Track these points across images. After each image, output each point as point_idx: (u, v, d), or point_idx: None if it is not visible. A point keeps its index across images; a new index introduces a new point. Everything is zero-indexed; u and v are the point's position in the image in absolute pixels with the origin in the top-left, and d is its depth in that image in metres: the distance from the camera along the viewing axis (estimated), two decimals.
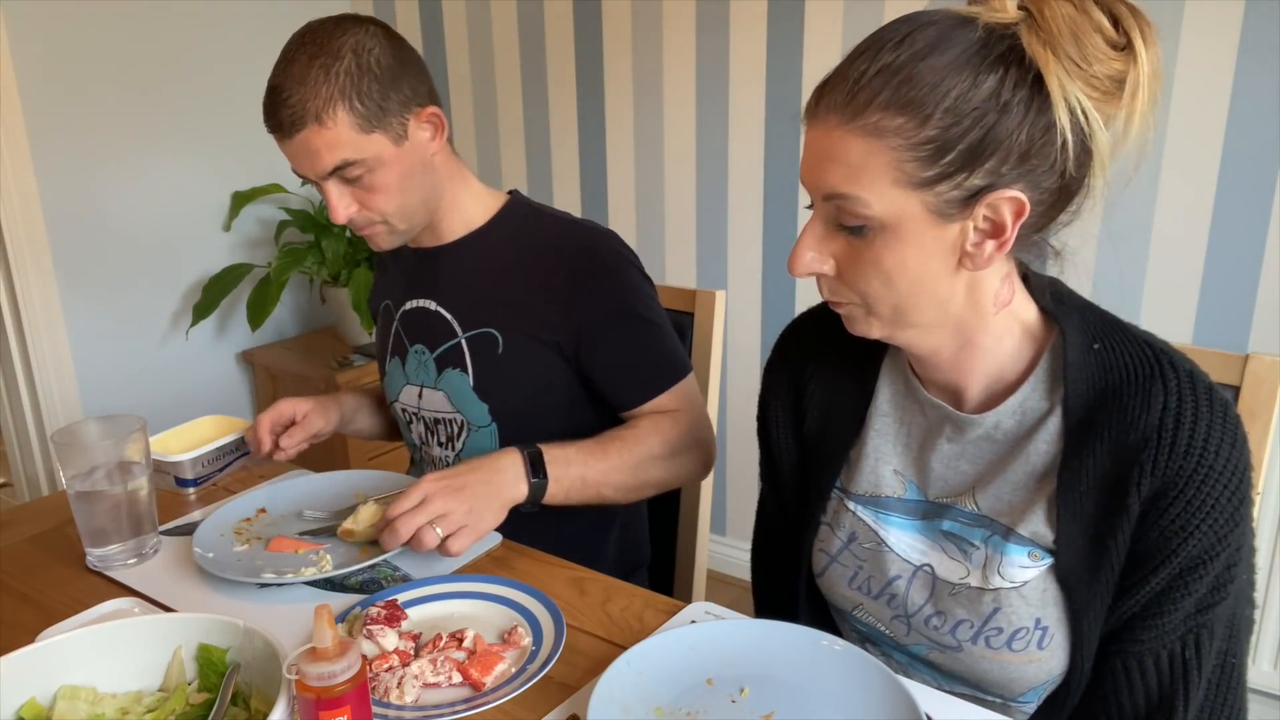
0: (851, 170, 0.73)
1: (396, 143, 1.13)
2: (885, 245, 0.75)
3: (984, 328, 0.81)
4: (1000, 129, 0.71)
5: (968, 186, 0.72)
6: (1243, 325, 1.79)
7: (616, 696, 0.79)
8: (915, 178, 0.72)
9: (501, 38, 2.61)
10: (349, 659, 0.70)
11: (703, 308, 1.41)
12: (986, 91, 0.71)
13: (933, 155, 0.71)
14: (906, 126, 0.71)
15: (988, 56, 0.71)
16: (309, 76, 1.08)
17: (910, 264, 0.76)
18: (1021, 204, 0.73)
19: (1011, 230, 0.74)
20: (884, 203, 0.73)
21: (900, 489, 0.90)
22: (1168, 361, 0.78)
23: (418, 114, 1.15)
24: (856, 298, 0.80)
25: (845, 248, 0.78)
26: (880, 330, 0.82)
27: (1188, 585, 0.77)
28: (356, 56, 1.09)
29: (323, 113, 1.08)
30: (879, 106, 0.71)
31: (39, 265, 2.31)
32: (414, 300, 1.29)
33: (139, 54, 2.42)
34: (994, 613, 0.82)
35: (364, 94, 1.10)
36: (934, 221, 0.74)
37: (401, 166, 1.15)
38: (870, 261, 0.77)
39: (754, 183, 2.28)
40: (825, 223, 0.78)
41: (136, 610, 0.98)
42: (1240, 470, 0.76)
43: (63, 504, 1.17)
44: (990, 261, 0.76)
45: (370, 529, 1.08)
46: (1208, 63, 1.72)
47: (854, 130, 0.72)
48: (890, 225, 0.74)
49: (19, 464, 2.52)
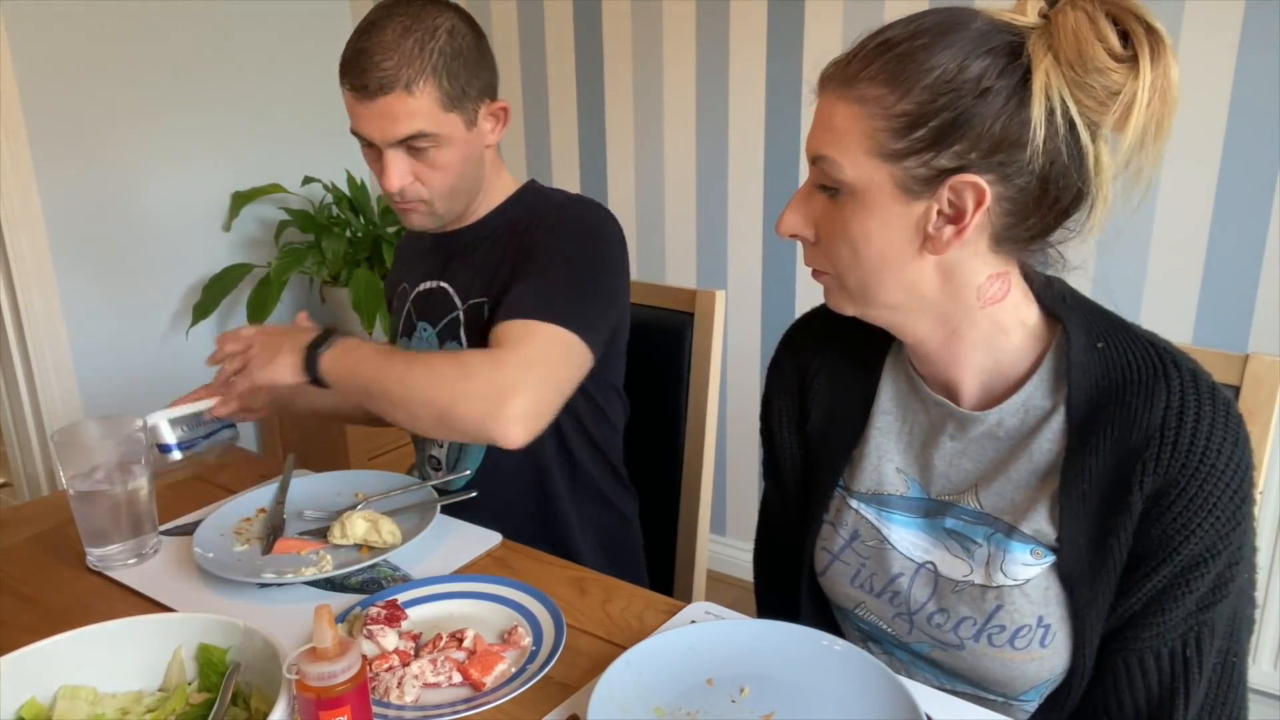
0: (834, 134, 0.77)
1: (468, 127, 1.18)
2: (853, 213, 0.78)
3: (970, 321, 0.82)
4: (975, 113, 0.72)
5: (934, 165, 0.74)
6: (1243, 325, 1.79)
7: (616, 696, 0.79)
8: (885, 148, 0.75)
9: (501, 38, 2.61)
10: (349, 659, 0.70)
11: (703, 308, 1.40)
12: (970, 75, 0.72)
13: (904, 128, 0.74)
14: (886, 98, 0.74)
15: (984, 45, 0.73)
16: (404, 46, 1.10)
17: (874, 236, 0.78)
18: (982, 191, 0.74)
19: (970, 217, 0.75)
20: (856, 169, 0.76)
21: (903, 487, 0.90)
22: (1171, 361, 0.78)
23: (489, 105, 1.21)
24: (831, 268, 0.83)
25: (823, 213, 0.81)
26: (851, 306, 0.85)
27: (1189, 583, 0.77)
28: (451, 38, 1.13)
29: (414, 82, 1.11)
30: (867, 77, 0.75)
31: (39, 265, 2.31)
32: (427, 282, 1.32)
33: (139, 54, 2.42)
34: (997, 610, 0.82)
35: (453, 74, 1.14)
36: (899, 196, 0.76)
37: (465, 150, 1.19)
38: (840, 226, 0.80)
39: (754, 183, 2.28)
40: (811, 185, 0.82)
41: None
42: (1242, 469, 0.76)
43: (63, 504, 1.17)
44: (948, 247, 0.77)
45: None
46: (1208, 63, 1.72)
47: (843, 98, 0.77)
48: (859, 192, 0.77)
49: (19, 464, 2.52)
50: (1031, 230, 0.78)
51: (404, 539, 1.07)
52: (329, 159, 2.78)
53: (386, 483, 1.23)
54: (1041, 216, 0.77)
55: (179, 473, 1.35)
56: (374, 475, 1.25)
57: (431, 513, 1.12)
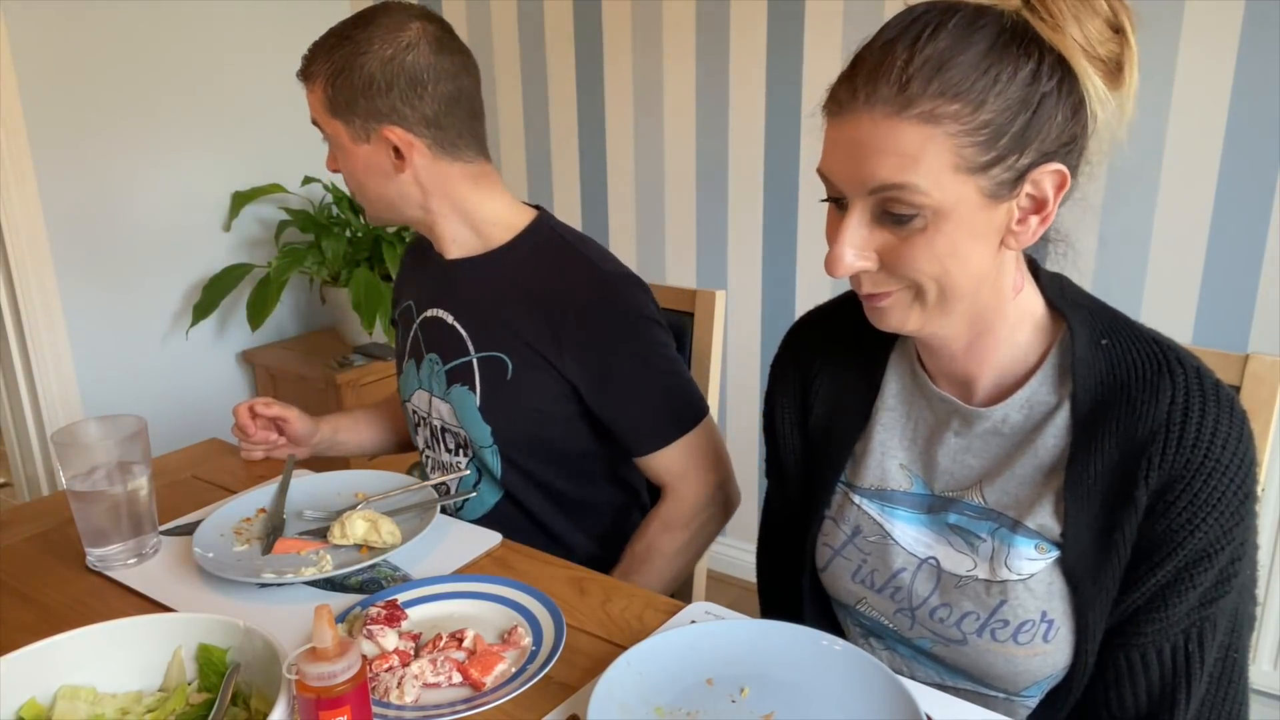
0: (906, 159, 0.72)
1: (354, 140, 1.18)
2: (938, 230, 0.75)
3: (1002, 315, 0.82)
4: (1043, 110, 0.73)
5: (1018, 166, 0.74)
6: (1243, 325, 1.79)
7: (616, 696, 0.79)
8: (974, 162, 0.72)
9: (501, 38, 2.61)
10: (349, 659, 0.70)
11: (703, 308, 1.40)
12: (1025, 77, 0.72)
13: (990, 139, 0.72)
14: (962, 112, 0.71)
15: (1013, 44, 0.73)
16: (329, 42, 1.16)
17: (962, 247, 0.76)
18: (1064, 175, 0.75)
19: (1054, 203, 0.76)
20: (942, 189, 0.73)
21: (906, 483, 0.91)
22: (1175, 358, 0.79)
23: (382, 130, 1.15)
24: (902, 285, 0.79)
25: (890, 238, 0.77)
26: (917, 320, 0.81)
27: (1192, 579, 0.77)
28: (370, 58, 1.13)
29: (312, 78, 1.18)
30: (932, 95, 0.71)
31: (39, 265, 2.31)
32: (433, 309, 1.29)
33: (139, 54, 2.42)
34: (1000, 605, 0.82)
35: (340, 87, 1.15)
36: (985, 204, 0.75)
37: (357, 162, 1.19)
38: (922, 247, 0.75)
39: (754, 182, 2.28)
40: (867, 217, 0.77)
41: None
42: (1245, 465, 0.76)
43: (63, 504, 1.17)
44: (1034, 237, 0.77)
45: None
46: (1208, 63, 1.72)
47: (907, 119, 0.72)
48: (945, 211, 0.74)
49: (19, 464, 2.52)
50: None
51: (404, 539, 1.07)
52: None
53: (386, 483, 1.23)
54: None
55: (179, 473, 1.35)
56: (374, 475, 1.25)
57: (431, 513, 1.12)
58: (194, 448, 1.44)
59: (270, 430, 1.37)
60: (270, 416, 1.35)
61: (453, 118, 1.17)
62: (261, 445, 1.37)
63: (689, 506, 1.23)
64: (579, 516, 1.30)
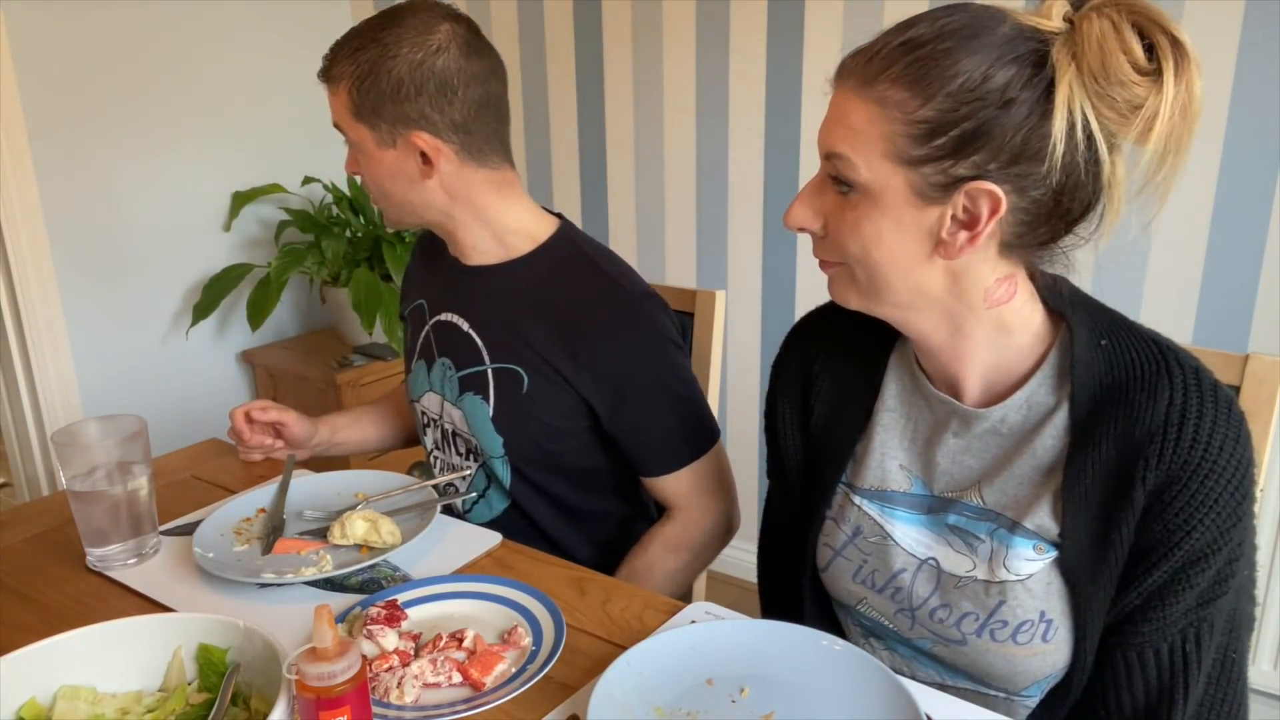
0: (851, 133, 0.76)
1: (379, 145, 1.15)
2: (866, 213, 0.77)
3: (975, 320, 0.82)
4: (996, 124, 0.72)
5: (951, 173, 0.74)
6: (1243, 325, 1.79)
7: (616, 696, 0.79)
8: (903, 154, 0.74)
9: (501, 38, 2.61)
10: (349, 659, 0.70)
11: (703, 308, 1.40)
12: (995, 85, 0.71)
13: (925, 135, 0.73)
14: (908, 102, 0.73)
15: (1010, 53, 0.72)
16: (352, 44, 1.14)
17: (885, 237, 0.78)
18: (998, 200, 0.74)
19: (984, 225, 0.75)
20: (871, 171, 0.75)
21: (906, 484, 0.91)
22: (1174, 358, 0.79)
23: (410, 135, 1.14)
24: (840, 260, 0.82)
25: (835, 207, 0.80)
26: (857, 299, 0.84)
27: (1189, 579, 0.77)
28: (399, 62, 1.10)
29: (337, 80, 1.15)
30: (889, 78, 0.74)
31: (39, 265, 2.31)
32: (447, 313, 1.28)
33: (139, 54, 2.42)
34: (999, 605, 0.82)
35: (366, 90, 1.12)
36: (913, 201, 0.76)
37: (381, 167, 1.17)
38: (852, 223, 0.79)
39: (754, 182, 2.28)
40: (823, 179, 0.81)
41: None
42: (1243, 466, 0.76)
43: (63, 504, 1.17)
44: (961, 253, 0.77)
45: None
46: (1208, 63, 1.71)
47: (862, 96, 0.75)
48: (874, 194, 0.76)
49: (19, 464, 2.52)
50: (1041, 237, 0.78)
51: (404, 539, 1.07)
52: (329, 159, 2.78)
53: (386, 483, 1.23)
54: (1052, 226, 0.77)
55: (179, 473, 1.35)
56: (374, 475, 1.25)
57: (431, 513, 1.12)
58: (194, 448, 1.44)
59: (267, 434, 1.36)
60: (268, 421, 1.34)
61: (481, 123, 1.16)
62: (258, 449, 1.37)
63: (695, 530, 1.23)
64: (585, 526, 1.30)
